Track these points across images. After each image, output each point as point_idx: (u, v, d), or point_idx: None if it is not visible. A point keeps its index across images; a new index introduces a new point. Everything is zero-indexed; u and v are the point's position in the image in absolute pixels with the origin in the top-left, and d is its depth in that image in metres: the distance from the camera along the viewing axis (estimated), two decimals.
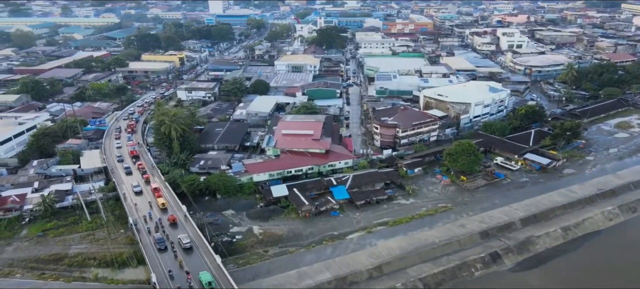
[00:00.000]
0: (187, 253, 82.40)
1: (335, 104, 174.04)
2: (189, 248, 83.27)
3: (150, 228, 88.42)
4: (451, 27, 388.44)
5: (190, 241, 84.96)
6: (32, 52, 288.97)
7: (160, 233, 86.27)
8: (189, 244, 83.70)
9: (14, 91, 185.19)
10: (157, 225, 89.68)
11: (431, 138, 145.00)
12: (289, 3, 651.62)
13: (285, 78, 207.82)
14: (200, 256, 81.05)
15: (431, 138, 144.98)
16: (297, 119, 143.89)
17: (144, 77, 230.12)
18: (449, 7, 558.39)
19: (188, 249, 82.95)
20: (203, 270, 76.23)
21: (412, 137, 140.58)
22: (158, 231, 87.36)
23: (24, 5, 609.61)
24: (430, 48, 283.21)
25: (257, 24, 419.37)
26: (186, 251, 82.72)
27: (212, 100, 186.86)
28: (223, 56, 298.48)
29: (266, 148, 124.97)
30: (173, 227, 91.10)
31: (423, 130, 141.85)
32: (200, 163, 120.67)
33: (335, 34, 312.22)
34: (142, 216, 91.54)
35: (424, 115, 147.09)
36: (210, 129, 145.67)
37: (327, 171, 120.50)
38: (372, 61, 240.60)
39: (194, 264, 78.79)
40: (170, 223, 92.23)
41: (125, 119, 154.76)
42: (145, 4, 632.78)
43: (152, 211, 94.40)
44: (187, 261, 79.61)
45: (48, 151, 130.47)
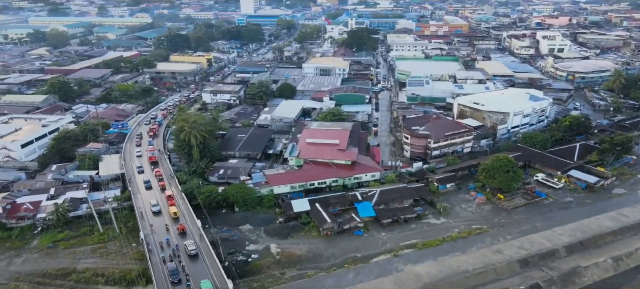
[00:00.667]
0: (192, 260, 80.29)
1: (364, 110, 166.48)
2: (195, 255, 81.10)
3: (165, 257, 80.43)
4: (487, 29, 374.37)
5: (195, 248, 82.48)
6: (65, 51, 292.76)
7: (175, 263, 78.64)
8: (194, 252, 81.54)
9: (43, 91, 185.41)
10: (173, 253, 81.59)
11: (465, 149, 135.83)
12: (321, 3, 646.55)
13: (312, 82, 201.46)
14: (211, 280, 75.03)
15: (465, 150, 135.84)
16: (323, 127, 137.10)
17: (171, 78, 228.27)
18: (485, 8, 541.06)
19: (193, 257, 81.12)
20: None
21: (445, 149, 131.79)
22: (173, 260, 79.49)
23: (62, 5, 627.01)
24: (465, 52, 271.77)
25: (288, 25, 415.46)
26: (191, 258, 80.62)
27: (237, 104, 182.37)
28: (251, 57, 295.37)
29: (289, 158, 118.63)
30: (182, 236, 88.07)
31: (456, 141, 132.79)
32: (220, 172, 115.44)
33: (366, 35, 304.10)
34: (159, 243, 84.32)
35: (457, 125, 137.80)
36: (233, 135, 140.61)
37: (352, 185, 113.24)
38: (404, 65, 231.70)
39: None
40: (179, 233, 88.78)
41: (147, 124, 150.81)
42: (178, 4, 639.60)
43: (170, 237, 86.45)
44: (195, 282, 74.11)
45: (69, 155, 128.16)
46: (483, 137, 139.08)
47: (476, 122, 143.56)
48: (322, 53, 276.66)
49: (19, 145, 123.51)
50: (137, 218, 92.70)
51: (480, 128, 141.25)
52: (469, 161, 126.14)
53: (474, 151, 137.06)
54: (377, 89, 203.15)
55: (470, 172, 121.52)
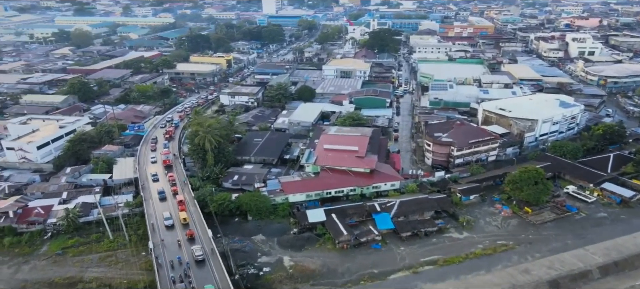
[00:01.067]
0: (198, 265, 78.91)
1: (385, 115, 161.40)
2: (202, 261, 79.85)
3: (175, 277, 75.94)
4: (514, 31, 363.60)
5: (202, 254, 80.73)
6: (88, 51, 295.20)
7: (185, 285, 74.76)
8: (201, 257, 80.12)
9: (63, 91, 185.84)
10: (184, 273, 76.86)
11: (489, 158, 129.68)
12: (343, 3, 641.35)
13: (332, 85, 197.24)
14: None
15: (489, 158, 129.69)
16: (341, 132, 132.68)
17: (190, 79, 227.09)
18: (511, 9, 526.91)
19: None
20: None
21: (468, 157, 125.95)
22: (183, 281, 75.26)
23: (88, 5, 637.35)
24: (490, 54, 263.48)
25: (309, 25, 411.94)
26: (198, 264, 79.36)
27: (255, 106, 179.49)
28: (271, 58, 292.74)
29: (305, 165, 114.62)
30: (190, 242, 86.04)
31: (481, 149, 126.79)
32: (234, 178, 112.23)
33: (388, 36, 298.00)
34: (170, 261, 79.59)
35: (482, 132, 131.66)
36: (249, 139, 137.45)
37: (370, 194, 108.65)
38: (427, 67, 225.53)
39: None
40: (187, 238, 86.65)
41: (162, 127, 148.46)
42: (201, 4, 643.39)
43: (182, 255, 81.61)
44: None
45: (84, 157, 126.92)
46: (509, 145, 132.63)
47: (502, 129, 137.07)
48: (343, 55, 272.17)
49: (35, 146, 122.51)
50: (148, 229, 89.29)
51: (507, 136, 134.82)
52: (494, 171, 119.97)
53: (499, 160, 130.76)
54: (399, 93, 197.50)
55: (496, 183, 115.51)
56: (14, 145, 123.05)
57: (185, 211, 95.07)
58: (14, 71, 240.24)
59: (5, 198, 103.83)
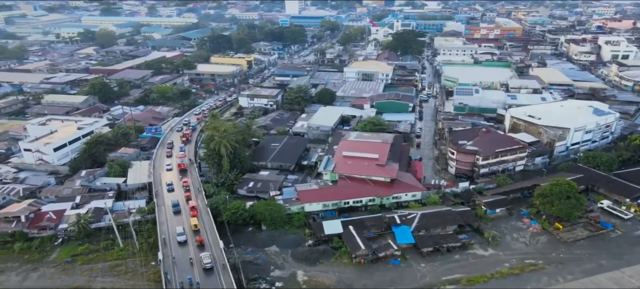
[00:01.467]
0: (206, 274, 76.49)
1: (407, 120, 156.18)
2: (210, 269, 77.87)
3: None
4: (542, 33, 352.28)
5: (211, 261, 78.93)
6: (111, 51, 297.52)
7: None
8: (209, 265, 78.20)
9: (84, 92, 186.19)
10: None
11: (517, 167, 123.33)
12: (367, 4, 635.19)
13: (353, 87, 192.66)
14: None
15: (516, 168, 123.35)
16: (362, 138, 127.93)
17: (211, 80, 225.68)
18: (540, 10, 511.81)
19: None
20: None
21: (494, 166, 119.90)
22: None
23: (115, 5, 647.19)
24: (518, 57, 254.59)
25: (331, 26, 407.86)
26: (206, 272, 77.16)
27: (274, 109, 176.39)
28: (293, 59, 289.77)
29: (323, 172, 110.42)
30: (200, 249, 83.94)
31: (508, 158, 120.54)
32: (249, 185, 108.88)
33: (412, 38, 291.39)
34: (180, 282, 74.92)
35: (510, 140, 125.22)
36: (266, 144, 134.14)
37: (390, 205, 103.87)
38: (451, 70, 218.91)
39: None
40: (198, 245, 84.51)
41: (179, 131, 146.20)
42: (225, 4, 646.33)
43: (193, 276, 76.73)
44: None
45: (100, 160, 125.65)
46: (538, 154, 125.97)
47: (531, 137, 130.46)
48: (365, 57, 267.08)
49: (52, 148, 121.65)
50: (159, 242, 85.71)
51: (535, 145, 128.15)
52: (522, 183, 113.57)
53: (527, 169, 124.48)
54: (424, 97, 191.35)
55: (524, 195, 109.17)
56: (31, 147, 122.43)
57: (197, 218, 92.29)
58: (39, 70, 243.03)
59: (20, 201, 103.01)
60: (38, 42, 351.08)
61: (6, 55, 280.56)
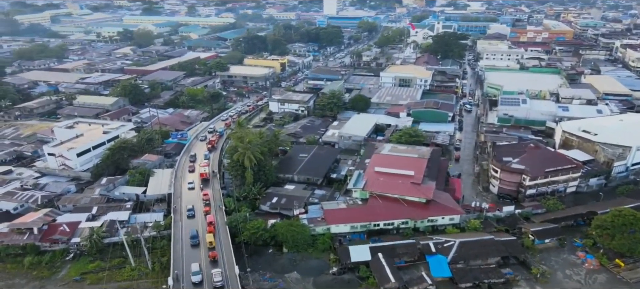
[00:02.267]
0: None
1: (446, 131, 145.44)
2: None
3: None
4: (595, 37, 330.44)
5: (222, 280, 73.90)
6: (147, 51, 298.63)
7: None
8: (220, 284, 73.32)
9: (115, 93, 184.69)
10: None
11: (568, 189, 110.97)
12: (407, 4, 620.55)
13: (389, 94, 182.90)
14: None
15: (568, 189, 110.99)
16: (396, 152, 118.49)
17: (243, 83, 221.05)
18: (592, 11, 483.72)
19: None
20: None
21: (543, 187, 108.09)
22: None
23: (157, 4, 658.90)
24: (568, 63, 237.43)
25: (369, 27, 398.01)
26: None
27: (306, 115, 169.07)
28: (328, 61, 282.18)
29: (353, 190, 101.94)
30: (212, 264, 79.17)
31: (559, 178, 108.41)
32: (273, 201, 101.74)
33: (453, 41, 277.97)
34: None
35: (561, 159, 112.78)
36: (294, 154, 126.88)
37: (425, 228, 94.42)
38: (495, 76, 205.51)
39: None
40: (210, 260, 79.67)
41: (203, 140, 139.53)
42: (263, 4, 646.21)
43: None
44: None
45: (123, 166, 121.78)
46: (593, 174, 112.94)
47: (585, 155, 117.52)
48: (403, 60, 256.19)
49: (75, 153, 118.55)
50: (171, 269, 78.25)
51: (590, 164, 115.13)
52: (575, 208, 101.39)
53: (579, 191, 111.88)
54: (468, 107, 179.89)
55: (577, 223, 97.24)
56: (54, 151, 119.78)
57: (213, 234, 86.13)
58: (76, 70, 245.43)
59: (37, 209, 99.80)
60: (79, 41, 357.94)
61: (47, 54, 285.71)
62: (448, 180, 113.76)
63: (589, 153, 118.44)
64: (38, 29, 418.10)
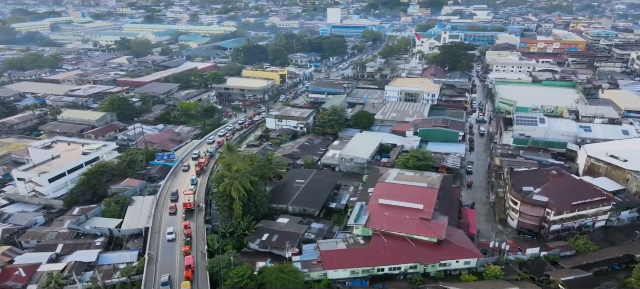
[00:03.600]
0: None
1: (456, 152, 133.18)
2: None
3: None
4: (609, 48, 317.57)
5: None
6: (143, 61, 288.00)
7: None
8: None
9: (102, 108, 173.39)
10: None
11: (597, 223, 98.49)
12: (412, 13, 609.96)
13: (394, 110, 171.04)
14: None
15: (597, 224, 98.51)
16: (403, 179, 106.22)
17: (240, 96, 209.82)
18: (602, 21, 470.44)
19: None
20: None
21: (569, 222, 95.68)
22: None
23: (159, 12, 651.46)
24: (584, 76, 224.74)
25: (373, 36, 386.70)
26: None
27: (304, 132, 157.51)
28: (330, 72, 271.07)
29: (354, 226, 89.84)
30: None
31: (587, 212, 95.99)
32: (263, 238, 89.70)
33: (462, 52, 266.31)
34: None
35: (588, 189, 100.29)
36: (290, 179, 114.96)
37: (436, 273, 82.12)
38: (507, 90, 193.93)
39: None
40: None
41: (185, 170, 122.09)
42: (267, 12, 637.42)
43: None
44: None
45: (101, 193, 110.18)
46: (626, 207, 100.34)
47: (614, 184, 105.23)
48: (409, 71, 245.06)
49: (46, 178, 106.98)
50: None
51: (621, 194, 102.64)
52: (609, 250, 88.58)
53: (610, 226, 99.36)
54: (482, 130, 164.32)
55: (612, 268, 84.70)
56: (24, 176, 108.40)
57: (190, 281, 74.54)
58: (67, 81, 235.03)
59: None
60: (75, 50, 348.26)
61: (39, 63, 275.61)
62: (461, 212, 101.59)
63: (619, 182, 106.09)
64: (36, 37, 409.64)
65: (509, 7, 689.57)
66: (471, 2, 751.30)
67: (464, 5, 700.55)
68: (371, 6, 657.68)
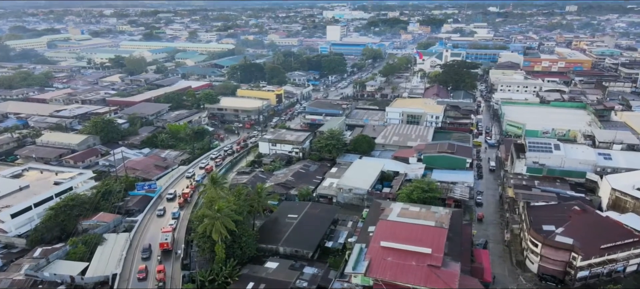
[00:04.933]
0: None
1: (464, 181, 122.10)
2: None
3: None
4: (615, 66, 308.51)
5: None
6: (136, 79, 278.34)
7: None
8: None
9: (85, 130, 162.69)
10: None
11: (628, 267, 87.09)
12: (412, 31, 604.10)
13: (396, 133, 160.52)
14: None
15: (628, 268, 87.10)
16: (407, 215, 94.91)
17: (234, 116, 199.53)
18: (605, 39, 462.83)
19: None
20: None
21: (598, 267, 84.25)
22: None
23: (159, 30, 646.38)
24: (594, 97, 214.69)
25: (374, 55, 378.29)
26: None
27: (300, 158, 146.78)
28: (329, 91, 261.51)
29: (352, 274, 78.40)
30: None
31: (618, 256, 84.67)
32: (248, 288, 78.16)
33: (464, 71, 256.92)
34: None
35: (617, 228, 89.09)
36: (281, 214, 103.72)
37: None
38: (514, 112, 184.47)
39: None
40: None
41: (160, 215, 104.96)
42: (267, 29, 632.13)
43: None
44: None
45: (70, 229, 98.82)
46: None
47: None
48: (410, 91, 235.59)
49: (9, 214, 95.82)
50: None
51: None
52: None
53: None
54: (493, 166, 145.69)
55: None
56: None
57: None
58: (55, 100, 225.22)
59: None
60: (69, 68, 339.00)
61: (29, 82, 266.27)
62: (473, 254, 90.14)
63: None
64: (30, 55, 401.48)
65: (508, 25, 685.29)
66: (471, 20, 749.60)
67: (463, 24, 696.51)
68: (371, 24, 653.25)
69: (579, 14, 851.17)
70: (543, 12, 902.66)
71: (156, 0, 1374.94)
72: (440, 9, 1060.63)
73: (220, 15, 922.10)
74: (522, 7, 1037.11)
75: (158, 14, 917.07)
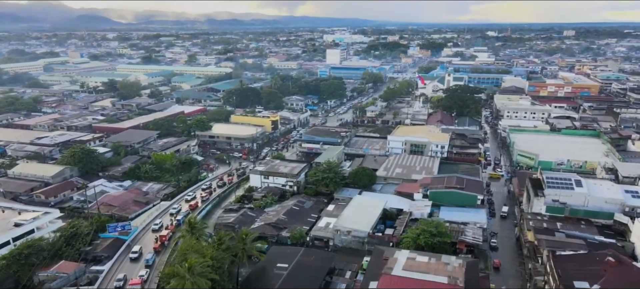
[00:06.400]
0: None
1: (477, 222, 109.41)
2: None
3: None
4: (623, 92, 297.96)
5: None
6: (127, 104, 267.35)
7: None
8: None
9: (63, 161, 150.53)
10: None
11: None
12: (412, 55, 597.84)
13: (399, 164, 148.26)
14: None
15: None
16: (415, 268, 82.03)
17: (226, 145, 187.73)
18: (608, 63, 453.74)
19: None
20: None
21: None
22: None
23: (158, 52, 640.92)
24: (607, 124, 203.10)
25: (374, 79, 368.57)
26: None
27: (294, 191, 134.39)
28: (327, 117, 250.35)
29: None
30: None
31: None
32: None
33: (468, 96, 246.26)
34: None
35: None
36: (269, 262, 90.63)
37: None
38: (524, 141, 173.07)
39: None
40: None
41: (134, 258, 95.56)
42: (267, 53, 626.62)
43: None
44: None
45: (25, 282, 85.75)
46: None
47: None
48: (413, 116, 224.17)
49: None
50: None
51: None
52: None
53: None
54: (505, 211, 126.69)
55: None
56: None
57: None
58: (40, 126, 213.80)
59: None
60: (61, 92, 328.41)
61: (17, 106, 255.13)
62: None
63: None
64: (23, 78, 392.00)
65: (508, 49, 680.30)
66: (470, 44, 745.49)
67: (464, 47, 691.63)
68: (371, 47, 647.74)
69: (577, 39, 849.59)
70: (541, 37, 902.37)
71: (169, 24, 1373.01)
72: (439, 33, 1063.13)
73: (221, 39, 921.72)
74: (520, 32, 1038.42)
75: (160, 38, 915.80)
